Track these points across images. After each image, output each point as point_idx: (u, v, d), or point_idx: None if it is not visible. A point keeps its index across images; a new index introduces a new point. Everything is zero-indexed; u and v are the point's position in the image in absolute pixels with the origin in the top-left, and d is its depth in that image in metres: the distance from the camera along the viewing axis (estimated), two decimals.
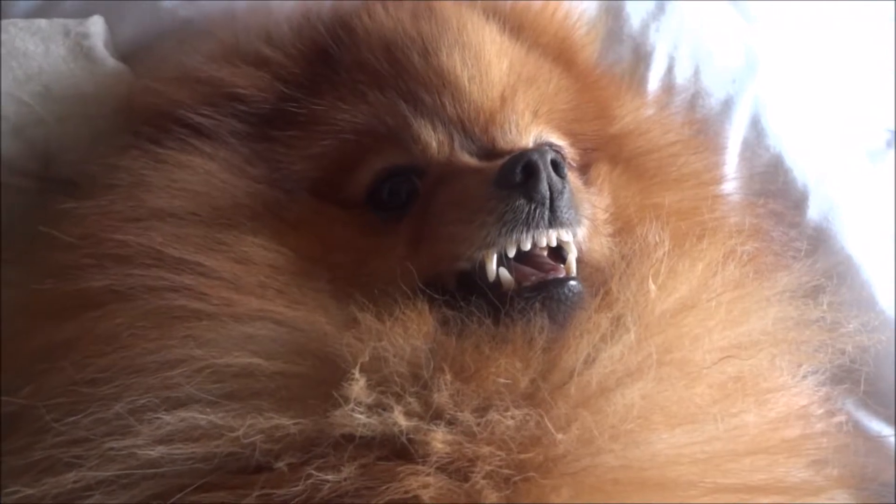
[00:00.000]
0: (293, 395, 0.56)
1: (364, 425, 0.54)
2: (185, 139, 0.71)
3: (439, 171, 0.68)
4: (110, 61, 0.83)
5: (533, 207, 0.61)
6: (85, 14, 0.85)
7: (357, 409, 0.54)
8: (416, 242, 0.65)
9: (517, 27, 0.82)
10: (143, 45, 0.88)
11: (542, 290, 0.61)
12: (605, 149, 0.80)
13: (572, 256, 0.64)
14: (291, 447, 0.54)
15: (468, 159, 0.69)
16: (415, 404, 0.55)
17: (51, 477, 0.56)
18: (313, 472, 0.53)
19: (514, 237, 0.62)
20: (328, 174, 0.71)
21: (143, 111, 0.76)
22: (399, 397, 0.55)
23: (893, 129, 1.26)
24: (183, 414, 0.55)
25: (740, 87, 1.01)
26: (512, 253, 0.62)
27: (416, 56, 0.73)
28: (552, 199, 0.62)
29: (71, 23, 0.83)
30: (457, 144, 0.70)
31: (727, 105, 1.00)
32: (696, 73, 1.01)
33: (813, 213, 0.96)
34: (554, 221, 0.62)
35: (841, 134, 1.07)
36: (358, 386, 0.55)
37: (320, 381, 0.56)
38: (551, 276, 0.63)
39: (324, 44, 0.77)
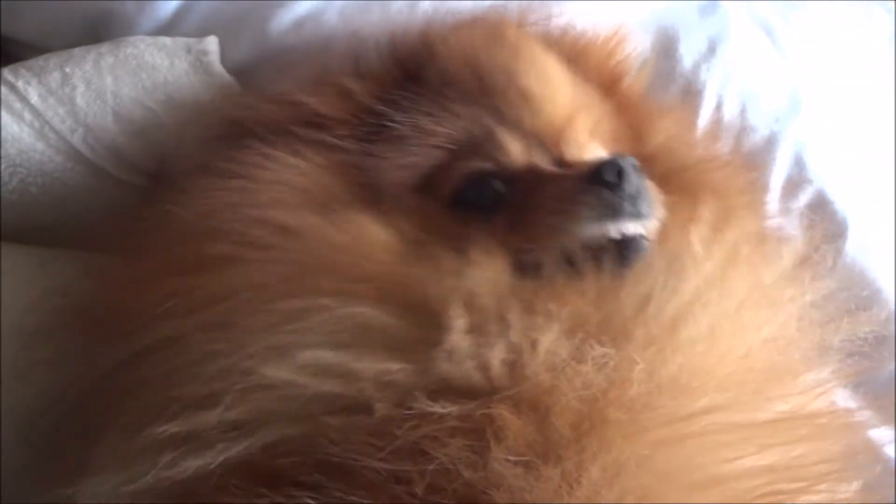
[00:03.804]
0: (399, 342, 0.62)
1: (460, 370, 0.60)
2: (292, 144, 0.78)
3: (527, 176, 0.77)
4: (226, 76, 0.92)
5: (620, 201, 0.71)
6: (201, 35, 0.94)
7: (454, 354, 0.60)
8: (510, 235, 0.73)
9: (571, 58, 0.90)
10: (249, 66, 0.96)
11: (621, 240, 0.71)
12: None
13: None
14: (393, 393, 0.59)
15: (550, 167, 0.78)
16: (502, 343, 0.61)
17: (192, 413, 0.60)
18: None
19: (605, 224, 0.71)
20: (417, 179, 0.79)
21: (240, 121, 0.83)
22: (491, 338, 0.61)
23: None
24: (311, 353, 0.60)
25: (783, 126, 1.07)
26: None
27: (501, 76, 0.82)
28: (634, 196, 0.72)
29: (191, 41, 0.92)
30: (534, 153, 0.79)
31: (771, 142, 1.06)
32: (743, 110, 1.07)
33: (851, 244, 1.02)
34: (636, 215, 0.72)
35: (878, 171, 1.11)
36: (455, 331, 0.61)
37: (420, 327, 0.62)
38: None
39: (409, 66, 0.86)
